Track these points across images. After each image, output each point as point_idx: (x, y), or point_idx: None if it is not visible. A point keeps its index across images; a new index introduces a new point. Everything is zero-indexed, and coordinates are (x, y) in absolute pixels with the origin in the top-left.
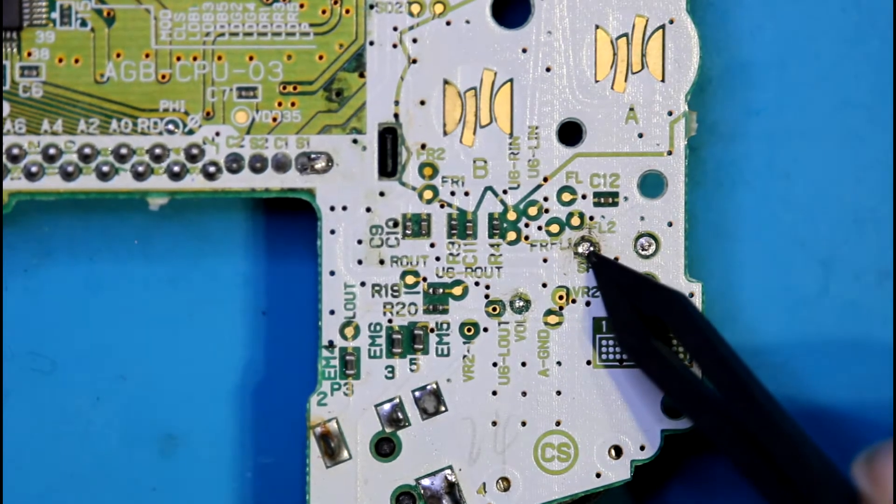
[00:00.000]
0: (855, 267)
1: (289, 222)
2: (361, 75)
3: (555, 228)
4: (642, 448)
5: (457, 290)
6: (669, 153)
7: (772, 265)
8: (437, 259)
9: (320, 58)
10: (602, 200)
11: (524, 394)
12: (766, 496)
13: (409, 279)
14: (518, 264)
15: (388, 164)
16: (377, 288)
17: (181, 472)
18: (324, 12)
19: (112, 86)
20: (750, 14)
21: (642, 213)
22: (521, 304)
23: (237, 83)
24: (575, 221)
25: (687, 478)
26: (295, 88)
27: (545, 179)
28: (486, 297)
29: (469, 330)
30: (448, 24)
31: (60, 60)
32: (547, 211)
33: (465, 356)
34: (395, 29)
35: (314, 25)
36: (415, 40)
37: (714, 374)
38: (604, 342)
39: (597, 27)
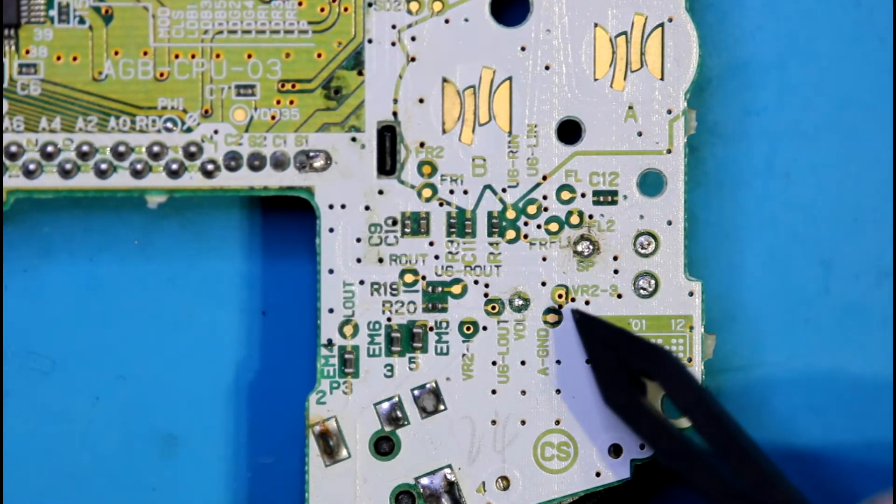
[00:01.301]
0: (855, 267)
1: (287, 220)
2: (360, 73)
3: (554, 227)
4: (642, 447)
5: (456, 289)
6: (669, 151)
7: (772, 265)
8: (437, 257)
9: (319, 56)
10: (601, 199)
11: (524, 392)
12: None
13: (408, 277)
14: (517, 263)
15: (387, 163)
16: (376, 286)
17: (181, 472)
18: (322, 10)
19: (110, 83)
20: (750, 14)
21: (642, 212)
22: (521, 302)
23: (236, 81)
24: (574, 220)
25: None
26: (293, 86)
27: (544, 178)
28: (486, 295)
29: (468, 328)
30: (447, 21)
31: (59, 58)
32: (546, 209)
33: (464, 355)
34: (394, 27)
35: (313, 23)
36: (413, 38)
37: (705, 430)
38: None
39: (596, 25)
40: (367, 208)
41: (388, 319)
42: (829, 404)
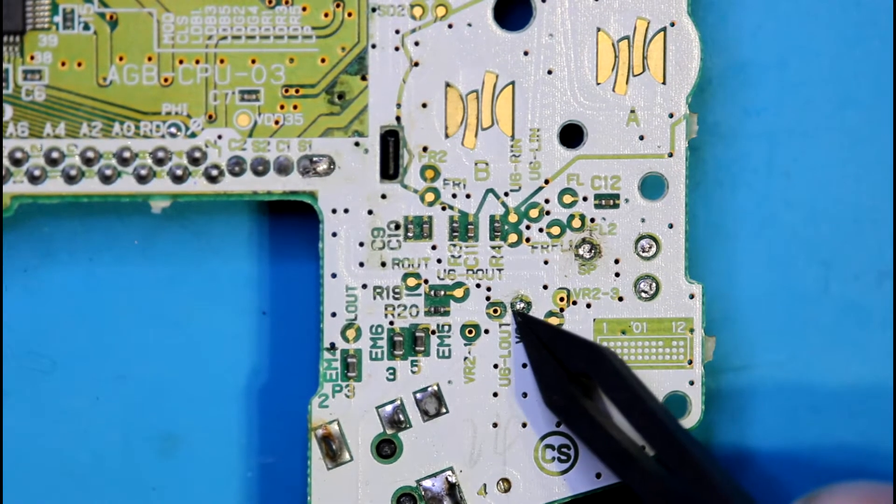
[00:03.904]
0: (855, 267)
1: (291, 225)
2: (363, 78)
3: (556, 230)
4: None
5: (458, 292)
6: (670, 155)
7: (772, 265)
8: (439, 261)
9: (322, 61)
10: (603, 202)
11: (525, 395)
12: None
13: (411, 281)
14: (519, 266)
15: (390, 167)
16: (379, 290)
17: (181, 473)
18: (326, 15)
19: (115, 89)
20: (750, 14)
21: (643, 215)
22: (522, 305)
23: (239, 86)
24: (576, 223)
25: None
26: (297, 91)
27: (546, 182)
28: (487, 298)
29: (470, 332)
30: (450, 26)
31: (63, 64)
32: (548, 213)
33: (466, 358)
34: (397, 32)
35: (316, 28)
36: (417, 43)
37: (644, 429)
38: (604, 344)
39: (598, 30)
40: (370, 212)
41: (391, 323)
42: (829, 404)
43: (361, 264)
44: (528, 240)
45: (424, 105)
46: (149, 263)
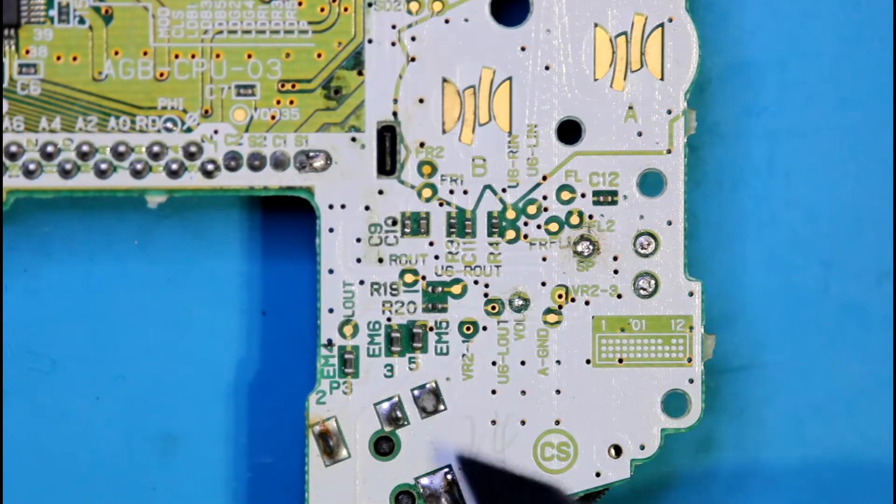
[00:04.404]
0: (855, 267)
1: (287, 220)
2: (360, 73)
3: (554, 227)
4: (642, 447)
5: (456, 289)
6: (669, 152)
7: (772, 265)
8: (437, 257)
9: (319, 56)
10: (601, 199)
11: (523, 392)
12: None
13: (408, 278)
14: (517, 263)
15: (387, 163)
16: (376, 286)
17: (181, 472)
18: (322, 10)
19: (110, 83)
20: (750, 14)
21: (642, 212)
22: (521, 302)
23: (236, 81)
24: (574, 220)
25: (687, 478)
26: (293, 86)
27: (544, 178)
28: (486, 295)
29: (468, 329)
30: (447, 22)
31: (59, 58)
32: (546, 209)
33: (464, 355)
34: (394, 27)
35: (313, 23)
36: (413, 38)
37: None
38: (603, 341)
39: (595, 25)
40: (367, 208)
41: (388, 319)
42: (829, 404)
43: (359, 260)
44: (525, 236)
45: (421, 100)
46: (147, 262)
